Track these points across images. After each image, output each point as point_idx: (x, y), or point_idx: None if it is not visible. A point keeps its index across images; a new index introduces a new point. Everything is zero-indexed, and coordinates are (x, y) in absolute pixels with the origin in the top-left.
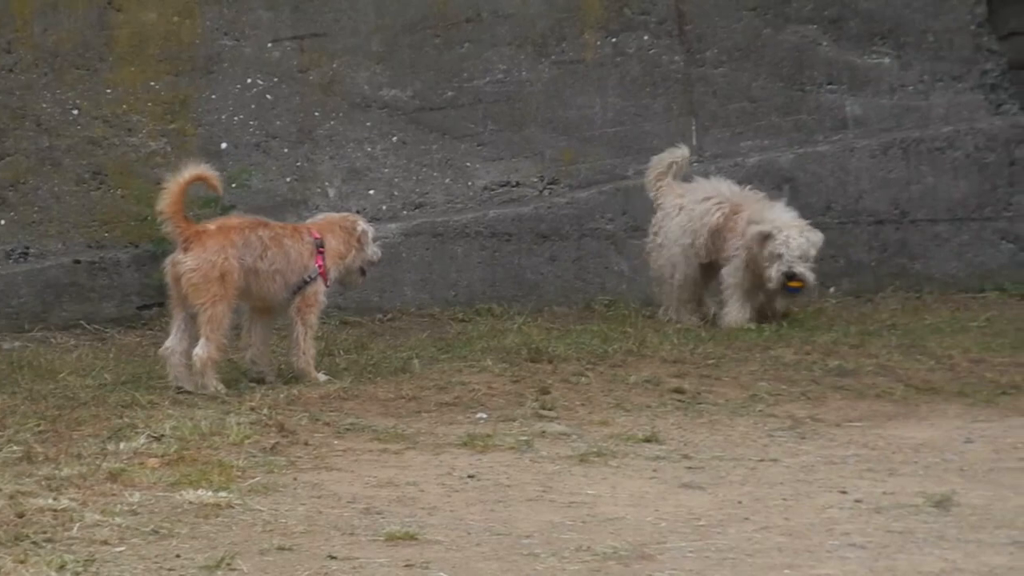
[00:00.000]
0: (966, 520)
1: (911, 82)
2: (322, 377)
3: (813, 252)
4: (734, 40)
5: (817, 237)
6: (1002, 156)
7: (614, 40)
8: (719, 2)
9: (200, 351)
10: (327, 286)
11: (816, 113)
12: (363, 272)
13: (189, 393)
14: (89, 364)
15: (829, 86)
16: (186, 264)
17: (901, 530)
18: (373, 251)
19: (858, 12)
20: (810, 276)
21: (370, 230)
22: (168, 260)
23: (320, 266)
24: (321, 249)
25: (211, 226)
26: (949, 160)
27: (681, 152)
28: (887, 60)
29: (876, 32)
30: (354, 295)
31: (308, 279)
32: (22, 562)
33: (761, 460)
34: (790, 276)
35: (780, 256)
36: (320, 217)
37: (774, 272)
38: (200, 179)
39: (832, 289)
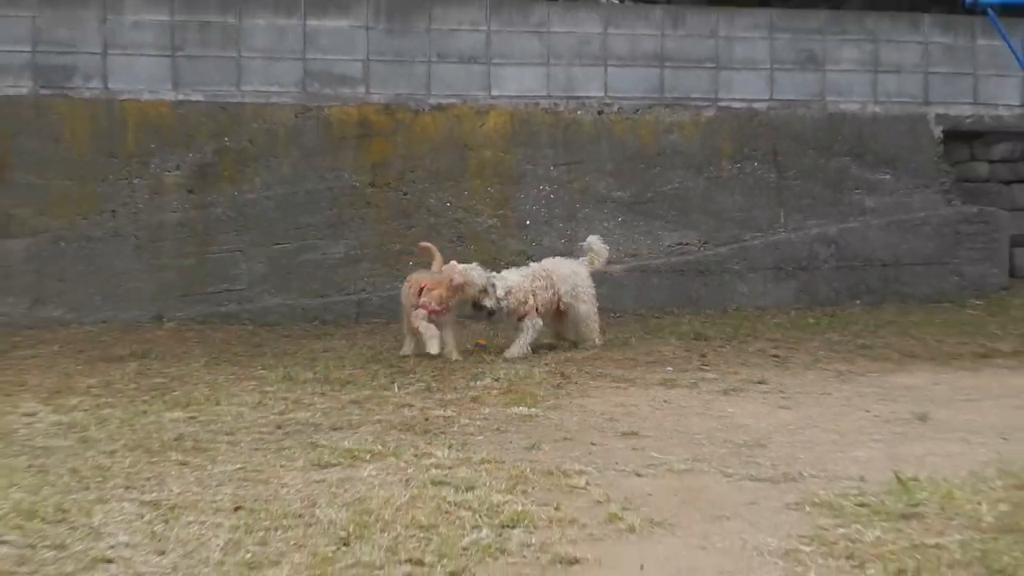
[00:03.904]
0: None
1: None
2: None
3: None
4: (804, 166)
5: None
6: None
7: (738, 165)
8: (796, 146)
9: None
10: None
11: (840, 206)
12: (480, 308)
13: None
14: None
15: (856, 191)
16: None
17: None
18: (484, 296)
19: (869, 150)
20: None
21: (460, 278)
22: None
23: (422, 303)
24: (420, 293)
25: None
26: None
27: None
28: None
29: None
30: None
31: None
32: (430, 443)
33: (823, 393)
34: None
35: None
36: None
37: None
38: (426, 251)
39: None
